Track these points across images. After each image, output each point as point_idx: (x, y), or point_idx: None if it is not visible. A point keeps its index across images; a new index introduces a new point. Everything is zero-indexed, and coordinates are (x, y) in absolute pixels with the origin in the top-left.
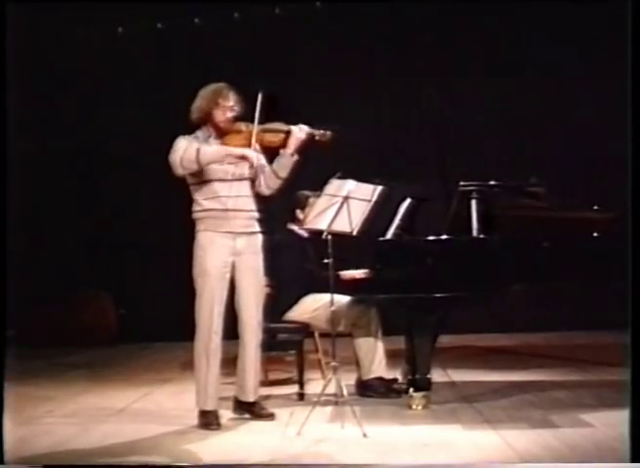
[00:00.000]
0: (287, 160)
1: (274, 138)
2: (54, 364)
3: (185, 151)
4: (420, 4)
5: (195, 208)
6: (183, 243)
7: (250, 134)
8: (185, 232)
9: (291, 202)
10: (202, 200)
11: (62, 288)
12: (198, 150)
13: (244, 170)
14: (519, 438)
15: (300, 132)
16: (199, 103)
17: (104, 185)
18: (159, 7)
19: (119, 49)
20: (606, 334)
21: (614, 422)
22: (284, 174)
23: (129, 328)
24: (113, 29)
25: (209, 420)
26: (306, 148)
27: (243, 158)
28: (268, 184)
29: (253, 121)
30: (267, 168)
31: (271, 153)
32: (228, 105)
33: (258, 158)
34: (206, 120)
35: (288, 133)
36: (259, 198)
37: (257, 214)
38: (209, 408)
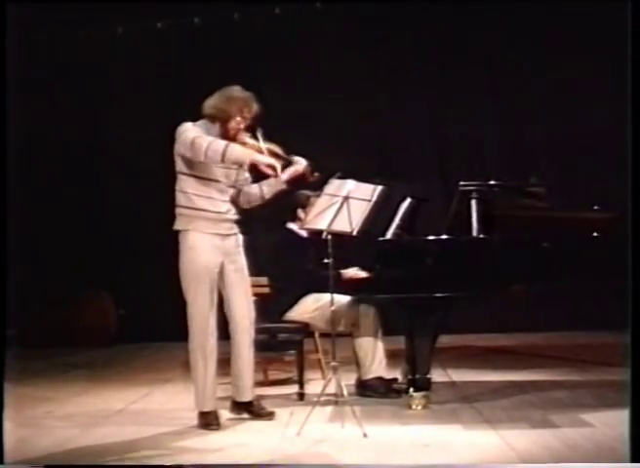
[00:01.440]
0: (278, 186)
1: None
2: (54, 364)
3: (214, 141)
4: (420, 4)
5: (183, 202)
6: None
7: (253, 148)
8: None
9: (290, 202)
10: (193, 196)
11: (62, 288)
12: (227, 144)
13: (241, 178)
14: (519, 438)
15: (300, 166)
16: (221, 104)
17: (105, 185)
18: (159, 7)
19: (119, 49)
20: (606, 334)
21: (614, 422)
22: (268, 196)
23: (129, 328)
24: (113, 29)
25: (209, 421)
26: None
27: (271, 167)
28: (250, 201)
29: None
30: (253, 185)
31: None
32: (247, 117)
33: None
34: (218, 120)
35: (285, 160)
36: (233, 203)
37: (237, 217)
38: (208, 409)
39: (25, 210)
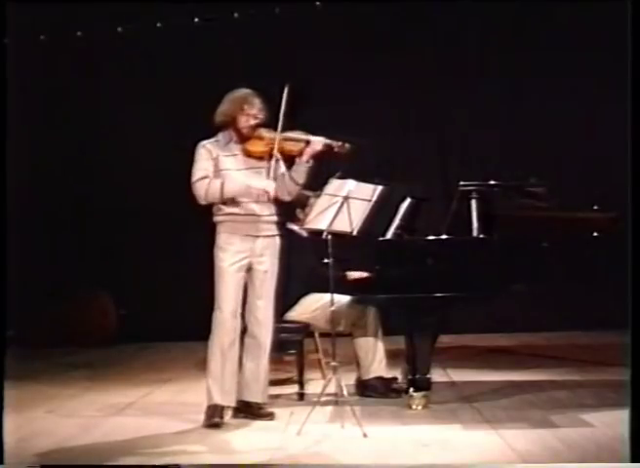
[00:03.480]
0: (303, 167)
1: (294, 147)
2: (54, 364)
3: (210, 186)
4: (421, 4)
5: (216, 212)
6: (184, 243)
7: (271, 140)
8: (185, 232)
9: (291, 202)
10: (222, 205)
11: (62, 288)
12: (222, 185)
13: (274, 175)
14: (519, 438)
15: (316, 143)
16: (225, 108)
17: (105, 185)
18: (159, 7)
19: (119, 49)
20: (606, 334)
21: (614, 422)
22: (301, 180)
23: (129, 328)
24: (113, 29)
25: (214, 414)
26: (323, 157)
27: (264, 192)
28: (289, 191)
29: (275, 128)
30: (287, 175)
31: (291, 160)
32: (252, 113)
33: (271, 185)
34: (229, 124)
35: (307, 142)
36: (276, 202)
37: (275, 218)
38: (224, 402)
39: (26, 209)
